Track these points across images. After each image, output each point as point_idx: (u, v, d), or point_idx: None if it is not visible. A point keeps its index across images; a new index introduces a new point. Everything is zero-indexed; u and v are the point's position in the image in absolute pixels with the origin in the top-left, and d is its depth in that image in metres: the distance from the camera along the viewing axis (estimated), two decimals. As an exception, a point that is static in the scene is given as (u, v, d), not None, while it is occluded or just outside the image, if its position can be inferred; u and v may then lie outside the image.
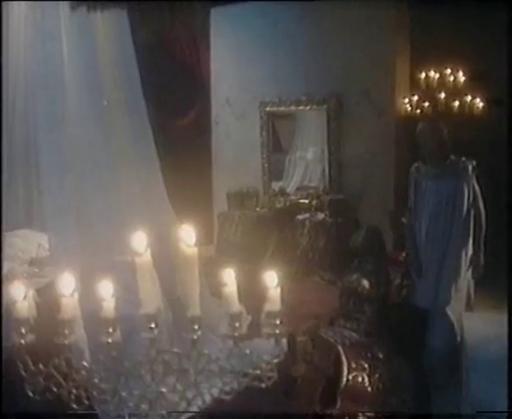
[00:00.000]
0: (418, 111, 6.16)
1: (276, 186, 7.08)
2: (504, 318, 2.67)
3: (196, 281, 1.59)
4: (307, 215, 6.48)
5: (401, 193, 6.00)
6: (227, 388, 1.64)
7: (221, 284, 1.61)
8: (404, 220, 5.43)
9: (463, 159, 3.80)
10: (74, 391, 1.56)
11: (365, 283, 2.67)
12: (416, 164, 3.96)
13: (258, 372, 1.64)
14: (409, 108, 6.15)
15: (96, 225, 4.12)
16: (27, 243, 4.75)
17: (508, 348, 2.46)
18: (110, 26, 4.25)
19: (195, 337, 1.58)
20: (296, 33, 6.33)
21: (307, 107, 6.55)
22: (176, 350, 1.61)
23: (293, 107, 6.63)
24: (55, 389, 1.54)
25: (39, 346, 1.62)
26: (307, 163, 7.24)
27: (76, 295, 1.59)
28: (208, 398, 1.63)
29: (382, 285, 2.68)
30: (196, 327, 1.58)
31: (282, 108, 6.68)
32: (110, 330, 1.56)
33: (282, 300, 1.66)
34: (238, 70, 6.84)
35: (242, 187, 6.92)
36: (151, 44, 6.84)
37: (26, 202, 5.05)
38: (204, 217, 7.39)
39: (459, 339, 3.10)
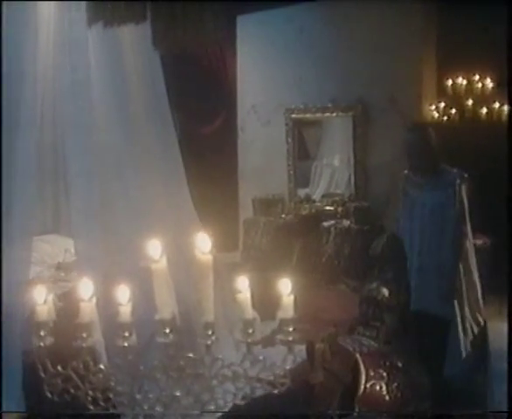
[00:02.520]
0: (445, 118, 6.11)
1: (302, 193, 7.09)
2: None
3: (210, 288, 1.61)
4: (333, 222, 6.47)
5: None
6: (241, 394, 1.66)
7: (235, 290, 1.64)
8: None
9: (454, 170, 3.65)
10: (91, 393, 1.60)
11: (385, 291, 2.66)
12: (405, 172, 3.84)
13: (271, 378, 1.65)
14: (436, 115, 6.10)
15: (121, 231, 4.18)
16: (54, 247, 4.85)
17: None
18: (135, 34, 4.32)
19: (209, 342, 1.61)
20: (322, 40, 6.34)
21: (333, 114, 6.55)
22: (190, 355, 1.64)
23: (318, 114, 6.64)
24: (72, 391, 1.59)
25: (60, 348, 1.67)
26: (334, 170, 7.24)
27: (94, 300, 1.63)
28: (221, 402, 1.65)
29: (402, 294, 2.67)
30: (209, 333, 1.60)
31: (308, 115, 6.69)
32: (126, 334, 1.59)
33: (296, 307, 1.67)
34: (263, 77, 6.88)
35: (268, 193, 6.95)
36: (177, 53, 6.94)
37: (54, 207, 5.16)
38: (229, 224, 7.45)
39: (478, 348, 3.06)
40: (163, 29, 3.02)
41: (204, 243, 1.62)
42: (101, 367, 1.60)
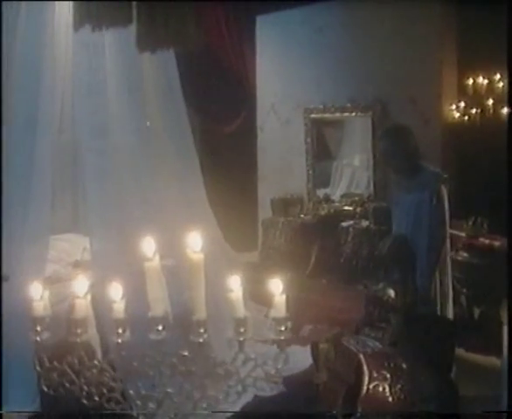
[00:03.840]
0: (466, 118, 6.03)
1: (321, 193, 7.07)
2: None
3: (202, 286, 1.63)
4: (351, 222, 6.44)
5: (449, 202, 5.91)
6: (233, 392, 1.68)
7: (227, 289, 1.65)
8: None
9: (434, 170, 3.54)
10: (86, 388, 1.63)
11: (391, 292, 2.65)
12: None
13: (262, 376, 1.66)
14: (456, 115, 6.03)
15: (137, 230, 4.23)
16: (73, 246, 4.92)
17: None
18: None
19: (201, 340, 1.62)
20: (341, 39, 6.32)
21: (352, 114, 6.52)
22: (183, 353, 1.66)
23: (337, 114, 6.62)
24: (68, 385, 1.62)
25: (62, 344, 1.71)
26: (354, 170, 7.21)
27: (89, 296, 1.66)
28: (213, 401, 1.67)
29: (408, 295, 2.65)
30: (201, 331, 1.62)
31: (327, 115, 6.68)
32: (120, 331, 1.62)
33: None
34: (283, 77, 6.89)
35: (286, 193, 6.96)
36: (198, 53, 6.99)
37: (73, 206, 5.25)
38: (248, 224, 7.48)
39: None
40: (146, 31, 3.05)
41: (195, 242, 1.64)
42: (95, 362, 1.63)
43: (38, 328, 1.62)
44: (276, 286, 1.69)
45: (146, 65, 4.42)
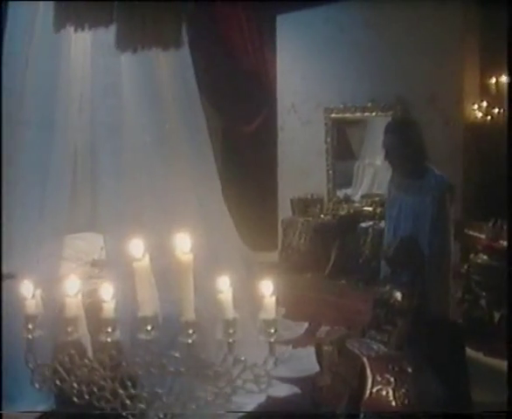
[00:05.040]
0: (488, 117, 5.92)
1: (341, 193, 7.03)
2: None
3: (190, 287, 1.63)
4: (371, 223, 6.38)
5: (469, 203, 5.81)
6: (223, 393, 1.67)
7: (217, 291, 1.64)
8: (466, 231, 5.27)
9: (440, 174, 3.28)
10: (76, 386, 1.65)
11: (398, 295, 2.61)
12: (392, 172, 3.48)
13: (251, 377, 1.65)
14: (478, 115, 5.92)
15: (151, 230, 4.26)
16: (90, 245, 4.97)
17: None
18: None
19: (190, 341, 1.62)
20: (361, 39, 6.27)
21: (373, 114, 6.47)
22: (173, 353, 1.66)
23: (358, 114, 6.58)
24: (58, 383, 1.64)
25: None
26: (376, 170, 7.14)
27: (80, 295, 1.68)
28: (202, 402, 1.66)
29: (415, 298, 2.61)
30: (190, 332, 1.62)
31: (347, 115, 6.63)
32: (109, 330, 1.63)
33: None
34: (303, 76, 6.87)
35: (306, 193, 6.93)
36: (218, 52, 7.02)
37: (91, 205, 5.30)
38: (268, 224, 7.48)
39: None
40: (124, 31, 3.06)
41: (184, 243, 1.64)
42: (86, 361, 1.64)
43: (30, 326, 1.64)
44: (266, 288, 1.68)
45: (161, 65, 4.44)
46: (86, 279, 4.52)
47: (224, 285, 1.65)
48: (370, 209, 6.57)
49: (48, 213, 4.12)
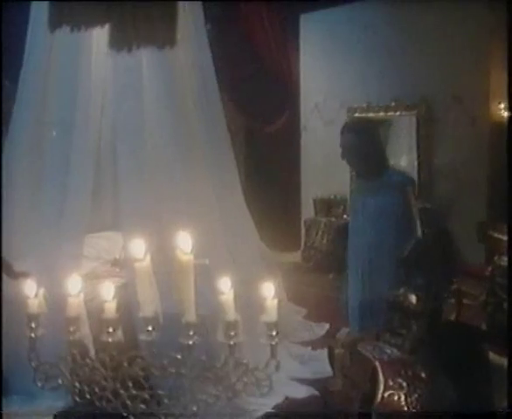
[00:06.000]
0: (516, 117, 5.78)
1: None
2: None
3: (191, 288, 1.62)
4: (394, 224, 6.29)
5: (495, 204, 5.68)
6: (223, 396, 1.65)
7: (218, 292, 1.63)
8: (490, 232, 5.15)
9: (401, 173, 3.26)
10: (77, 385, 1.65)
11: (412, 297, 2.55)
12: (353, 173, 3.47)
13: (253, 380, 1.64)
14: (504, 114, 5.78)
15: (169, 230, 4.27)
16: (112, 244, 5.01)
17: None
18: (187, 32, 4.40)
19: (190, 343, 1.61)
20: (385, 38, 6.19)
21: (397, 113, 6.39)
22: (173, 354, 1.65)
23: (381, 113, 6.49)
24: (60, 382, 1.65)
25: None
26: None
27: (82, 295, 1.68)
28: (203, 404, 1.65)
29: (431, 301, 2.56)
30: (191, 333, 1.61)
31: (370, 114, 6.55)
32: (111, 330, 1.63)
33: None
34: (326, 75, 6.82)
35: (329, 193, 6.87)
36: (242, 52, 7.02)
37: (114, 205, 5.34)
38: (291, 224, 7.45)
39: None
40: (117, 31, 3.06)
41: (185, 243, 1.63)
42: (87, 360, 1.64)
43: (33, 325, 1.65)
44: (268, 290, 1.65)
45: (182, 65, 4.45)
46: (107, 278, 4.57)
47: (226, 287, 1.64)
48: (394, 209, 6.48)
49: (69, 212, 4.18)
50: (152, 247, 4.15)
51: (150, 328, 1.61)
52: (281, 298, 5.32)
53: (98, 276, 4.41)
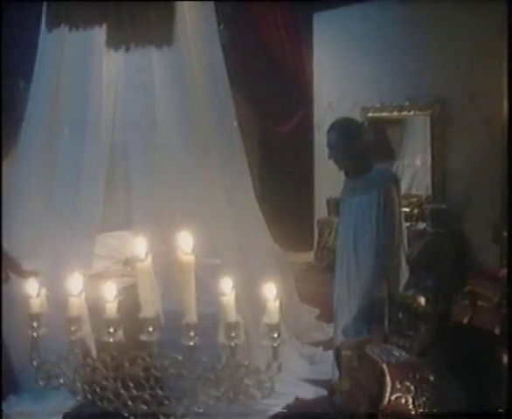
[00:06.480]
0: (532, 117, 5.69)
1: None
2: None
3: (192, 288, 1.61)
4: (408, 224, 6.22)
5: (509, 205, 5.60)
6: (225, 397, 1.64)
7: (219, 293, 1.62)
8: (504, 233, 5.08)
9: (384, 171, 3.27)
10: (79, 385, 1.65)
11: (421, 299, 2.52)
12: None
13: (254, 382, 1.62)
14: (520, 114, 5.70)
15: (181, 229, 4.27)
16: (124, 243, 5.03)
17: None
18: (198, 33, 4.40)
19: (191, 344, 1.60)
20: (399, 37, 6.14)
21: (411, 113, 6.34)
22: (175, 355, 1.64)
23: (395, 113, 6.44)
24: (61, 381, 1.65)
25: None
26: (415, 171, 7.00)
27: (83, 295, 1.68)
28: (204, 406, 1.64)
29: (440, 303, 2.52)
30: (192, 334, 1.60)
31: (384, 114, 6.51)
32: (111, 330, 1.63)
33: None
34: (340, 74, 6.78)
35: (343, 194, 6.82)
36: (255, 51, 7.01)
37: (126, 204, 5.36)
38: (304, 224, 7.43)
39: None
40: (114, 30, 3.06)
41: (185, 244, 1.62)
42: (89, 360, 1.64)
43: (35, 324, 1.65)
44: (270, 291, 1.64)
45: (193, 64, 4.45)
46: (119, 277, 4.59)
47: (227, 288, 1.63)
48: (407, 209, 6.41)
49: (82, 212, 4.20)
50: (163, 247, 4.18)
51: (151, 329, 1.61)
52: (293, 298, 5.35)
53: (110, 275, 4.42)
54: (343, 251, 3.32)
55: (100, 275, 4.22)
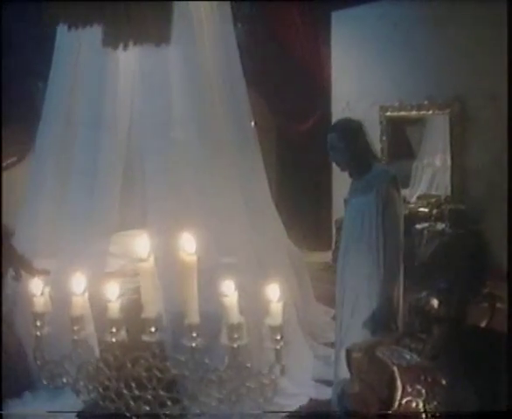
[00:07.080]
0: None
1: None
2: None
3: (194, 289, 1.60)
4: (426, 224, 6.16)
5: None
6: (226, 399, 1.63)
7: (221, 294, 1.60)
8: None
9: (383, 168, 3.23)
10: (82, 384, 1.65)
11: (434, 302, 2.48)
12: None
13: (256, 385, 1.60)
14: (541, 113, 5.59)
15: (194, 229, 4.26)
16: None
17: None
18: (215, 32, 4.39)
19: (193, 344, 1.59)
20: (417, 35, 6.06)
21: (429, 112, 6.26)
22: (177, 356, 1.63)
23: (414, 112, 6.37)
24: (65, 380, 1.65)
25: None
26: (435, 171, 6.91)
27: (86, 294, 1.68)
28: (205, 408, 1.63)
29: (453, 306, 2.47)
30: (194, 335, 1.59)
31: (403, 113, 6.44)
32: (114, 330, 1.63)
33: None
34: (358, 73, 6.71)
35: (361, 193, 6.77)
36: (273, 51, 6.99)
37: (142, 203, 5.37)
38: (322, 223, 7.39)
39: None
40: (111, 29, 3.05)
41: (188, 244, 1.61)
42: (91, 360, 1.64)
43: (38, 323, 1.66)
44: (273, 292, 1.62)
45: (209, 63, 4.45)
46: (133, 276, 4.60)
47: (229, 289, 1.61)
48: (426, 210, 6.34)
49: (98, 211, 4.23)
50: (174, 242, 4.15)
51: (153, 329, 1.60)
52: (309, 298, 5.32)
53: (125, 274, 4.43)
54: (343, 253, 3.31)
55: (115, 274, 4.23)
